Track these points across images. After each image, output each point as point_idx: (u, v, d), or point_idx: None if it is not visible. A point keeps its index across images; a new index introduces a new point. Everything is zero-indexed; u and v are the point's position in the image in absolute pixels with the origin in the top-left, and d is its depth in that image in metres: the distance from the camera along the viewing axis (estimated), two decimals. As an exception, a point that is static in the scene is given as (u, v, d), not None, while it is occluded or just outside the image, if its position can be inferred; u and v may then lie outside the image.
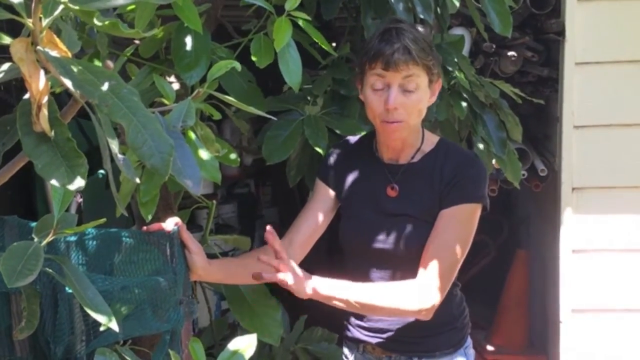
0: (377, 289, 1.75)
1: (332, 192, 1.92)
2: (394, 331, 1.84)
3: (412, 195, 1.79)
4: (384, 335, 1.86)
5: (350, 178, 1.89)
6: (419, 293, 1.70)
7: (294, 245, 1.86)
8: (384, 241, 1.79)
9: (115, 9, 1.70)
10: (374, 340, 1.88)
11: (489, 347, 3.67)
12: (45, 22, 0.83)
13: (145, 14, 1.64)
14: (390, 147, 1.83)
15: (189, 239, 1.68)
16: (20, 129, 0.85)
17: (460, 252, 1.73)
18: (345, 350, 2.00)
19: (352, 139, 1.98)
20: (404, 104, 1.71)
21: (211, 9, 2.00)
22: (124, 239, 1.73)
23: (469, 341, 1.93)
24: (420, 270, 1.72)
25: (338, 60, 2.34)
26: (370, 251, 1.81)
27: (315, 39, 1.88)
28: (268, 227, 1.66)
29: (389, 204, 1.81)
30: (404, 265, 1.78)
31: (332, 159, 1.95)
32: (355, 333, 1.92)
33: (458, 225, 1.74)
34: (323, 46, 1.92)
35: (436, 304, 1.70)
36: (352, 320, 1.92)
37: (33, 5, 0.80)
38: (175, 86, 2.00)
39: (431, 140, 1.85)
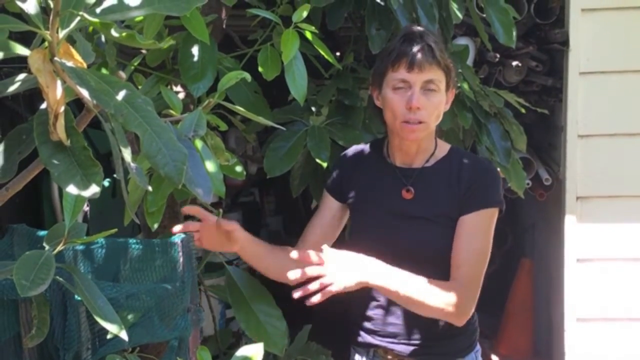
0: (427, 287, 1.73)
1: (338, 203, 1.94)
2: (407, 335, 1.85)
3: (428, 198, 1.81)
4: (397, 340, 1.87)
5: (361, 184, 1.90)
6: (466, 297, 1.73)
7: None
8: (400, 243, 1.80)
9: (123, 19, 1.72)
10: (386, 345, 1.88)
11: (494, 356, 3.67)
12: (62, 34, 0.84)
13: (154, 24, 1.66)
14: (404, 151, 1.85)
15: (224, 221, 1.75)
16: (37, 137, 0.86)
17: (487, 256, 1.78)
18: (356, 357, 1.99)
19: (358, 147, 1.99)
20: (425, 105, 1.73)
21: (218, 20, 2.01)
22: (131, 247, 1.74)
23: (479, 347, 1.94)
24: (454, 277, 1.75)
25: (342, 70, 2.35)
26: (386, 253, 1.79)
27: (321, 52, 1.90)
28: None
29: (404, 206, 1.82)
30: (418, 267, 1.77)
31: (338, 169, 1.97)
32: (367, 338, 1.92)
33: (482, 231, 1.77)
34: (328, 59, 1.94)
35: (472, 309, 1.76)
36: (364, 325, 1.92)
37: (51, 17, 0.81)
38: (181, 95, 2.02)
39: (443, 147, 1.88)
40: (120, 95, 0.84)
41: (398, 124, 1.76)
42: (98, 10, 0.85)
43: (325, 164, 2.08)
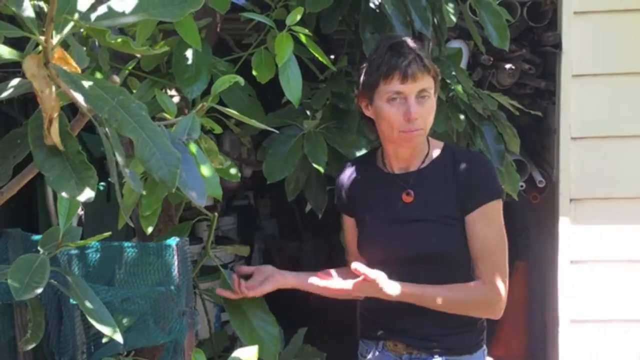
0: (456, 292, 1.83)
1: (353, 219, 2.00)
2: (416, 330, 1.88)
3: (427, 199, 1.84)
4: (406, 334, 1.89)
5: (362, 196, 1.94)
6: (490, 292, 1.81)
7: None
8: (406, 247, 1.83)
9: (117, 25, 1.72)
10: (395, 338, 1.91)
11: (489, 358, 3.67)
12: (56, 40, 0.85)
13: (146, 29, 1.66)
14: (400, 157, 1.88)
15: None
16: (31, 142, 0.87)
17: (504, 245, 1.83)
18: (362, 349, 2.01)
19: (351, 163, 2.03)
20: (421, 113, 1.77)
21: (212, 23, 2.02)
22: (126, 251, 1.75)
23: (485, 347, 1.98)
24: (476, 275, 1.82)
25: (337, 73, 2.36)
26: (394, 260, 1.84)
27: (315, 54, 1.90)
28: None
29: (406, 210, 1.85)
30: (426, 270, 1.83)
31: (339, 189, 2.01)
32: (376, 332, 1.94)
33: (491, 223, 1.82)
34: (323, 61, 1.94)
35: (502, 299, 1.82)
36: (373, 319, 1.95)
37: (46, 23, 0.82)
38: (176, 99, 2.02)
39: (436, 145, 1.91)
40: (114, 100, 0.85)
41: (396, 134, 1.79)
42: (92, 16, 0.85)
43: (322, 169, 2.09)
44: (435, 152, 1.89)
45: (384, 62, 1.76)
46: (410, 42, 1.80)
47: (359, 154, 2.14)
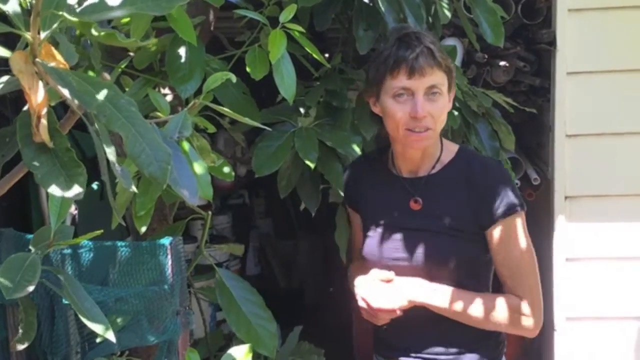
0: (486, 302, 1.73)
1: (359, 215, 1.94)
2: (420, 349, 1.80)
3: (436, 209, 1.75)
4: (410, 354, 1.81)
5: (369, 196, 1.88)
6: (517, 310, 1.71)
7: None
8: (408, 257, 1.75)
9: (110, 21, 1.72)
10: (401, 357, 1.83)
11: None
12: (43, 35, 0.84)
13: (141, 25, 1.65)
14: (408, 159, 1.79)
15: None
16: (20, 140, 0.86)
17: (531, 259, 1.73)
18: None
19: (363, 158, 1.97)
20: (430, 111, 1.65)
21: (205, 22, 2.01)
22: (119, 250, 1.74)
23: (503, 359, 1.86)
24: (507, 291, 1.73)
25: (331, 71, 2.35)
26: (395, 268, 1.77)
27: (309, 51, 1.89)
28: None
29: (412, 218, 1.77)
30: (432, 281, 1.74)
31: (348, 183, 1.96)
32: (386, 349, 1.88)
33: (515, 238, 1.72)
34: (317, 58, 1.94)
35: (535, 317, 1.71)
36: (383, 336, 1.88)
37: (32, 18, 0.81)
38: (169, 97, 2.01)
39: (450, 149, 1.80)
40: (103, 96, 0.84)
41: (402, 132, 1.68)
42: (79, 10, 0.84)
43: (313, 165, 2.08)
44: (448, 157, 1.77)
45: (391, 54, 1.65)
46: (421, 33, 1.69)
47: (350, 151, 2.12)
